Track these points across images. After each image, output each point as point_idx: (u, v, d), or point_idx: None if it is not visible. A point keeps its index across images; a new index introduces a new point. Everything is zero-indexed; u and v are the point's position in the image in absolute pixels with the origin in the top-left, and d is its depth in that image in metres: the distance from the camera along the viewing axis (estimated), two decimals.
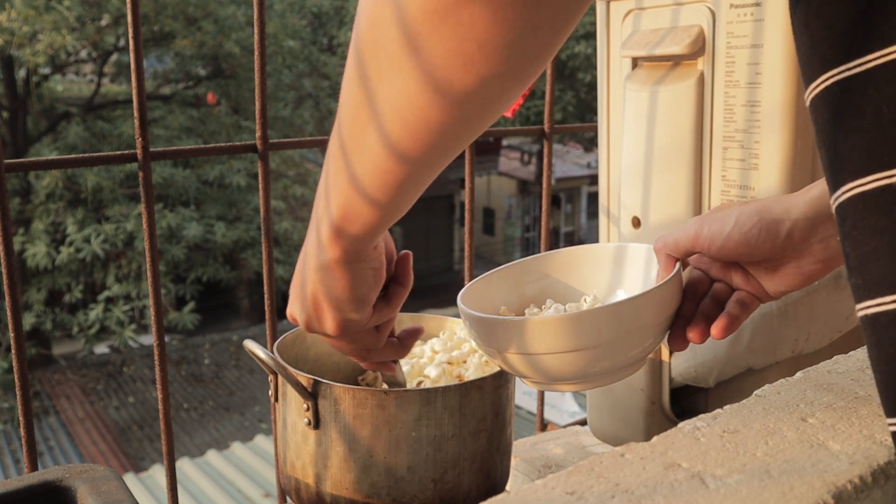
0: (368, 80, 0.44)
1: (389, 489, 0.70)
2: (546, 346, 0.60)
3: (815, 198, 0.60)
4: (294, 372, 0.72)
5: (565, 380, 0.64)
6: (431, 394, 0.70)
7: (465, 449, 0.72)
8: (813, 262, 0.60)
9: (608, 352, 0.61)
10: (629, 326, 0.60)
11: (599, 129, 1.02)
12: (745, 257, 0.62)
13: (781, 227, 0.60)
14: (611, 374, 0.64)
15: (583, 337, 0.59)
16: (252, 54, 3.96)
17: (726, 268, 0.65)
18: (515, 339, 0.61)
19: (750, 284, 0.64)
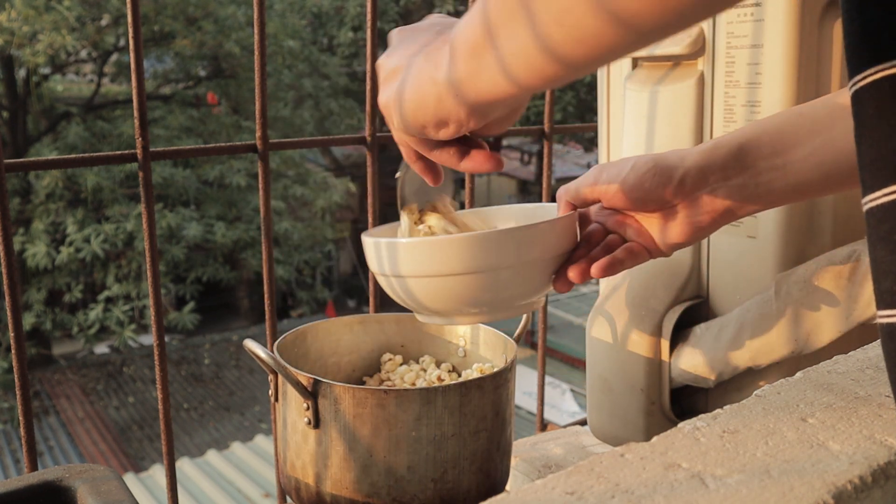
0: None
1: (389, 489, 0.70)
2: (439, 267, 0.60)
3: (708, 149, 0.62)
4: (294, 371, 0.72)
5: (455, 309, 0.64)
6: (431, 393, 0.70)
7: (465, 448, 0.72)
8: (700, 213, 0.62)
9: (497, 280, 0.61)
10: (519, 255, 0.61)
11: (599, 129, 1.02)
12: (639, 203, 0.63)
13: (675, 172, 0.62)
14: (500, 307, 0.64)
15: (473, 259, 0.60)
16: (252, 54, 3.96)
17: (622, 221, 0.66)
18: (410, 262, 0.61)
19: (642, 237, 0.65)
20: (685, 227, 0.63)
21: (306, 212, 9.31)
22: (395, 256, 0.62)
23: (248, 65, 8.51)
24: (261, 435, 6.14)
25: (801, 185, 0.59)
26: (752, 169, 0.60)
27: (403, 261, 0.62)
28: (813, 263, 0.80)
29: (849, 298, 0.78)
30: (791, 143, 0.59)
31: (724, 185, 0.61)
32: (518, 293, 0.64)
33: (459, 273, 0.60)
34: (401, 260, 0.62)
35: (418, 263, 0.61)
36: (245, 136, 8.52)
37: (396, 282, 0.63)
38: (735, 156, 0.60)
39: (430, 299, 0.63)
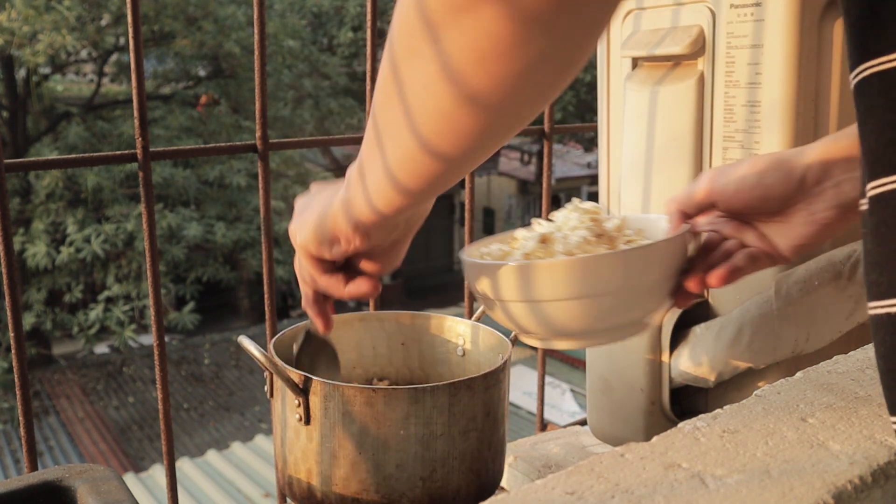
0: (399, 76, 0.43)
1: (378, 486, 0.71)
2: (550, 292, 0.58)
3: (830, 141, 0.59)
4: (285, 368, 0.72)
5: (569, 333, 0.61)
6: (420, 392, 0.70)
7: (454, 448, 0.72)
8: (825, 209, 0.58)
9: (612, 303, 0.59)
10: (634, 277, 0.58)
11: (599, 129, 1.02)
12: (758, 202, 0.60)
13: (795, 168, 0.59)
14: (615, 330, 0.62)
15: (586, 284, 0.57)
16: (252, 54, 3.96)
17: (739, 226, 0.63)
18: (519, 286, 0.59)
19: (762, 241, 0.62)
20: (810, 227, 0.59)
21: None
22: (531, 280, 0.58)
23: (248, 65, 8.51)
24: (261, 435, 6.14)
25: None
26: None
27: (540, 285, 0.58)
28: (813, 263, 0.80)
29: (849, 298, 0.78)
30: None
31: (850, 176, 0.57)
32: (642, 311, 0.62)
33: (588, 295, 0.58)
34: (537, 284, 0.58)
35: (555, 286, 0.58)
36: (245, 136, 8.52)
37: (522, 307, 0.60)
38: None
39: (560, 324, 0.60)
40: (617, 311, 0.60)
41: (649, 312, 0.63)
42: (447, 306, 10.41)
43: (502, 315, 0.63)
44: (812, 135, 0.80)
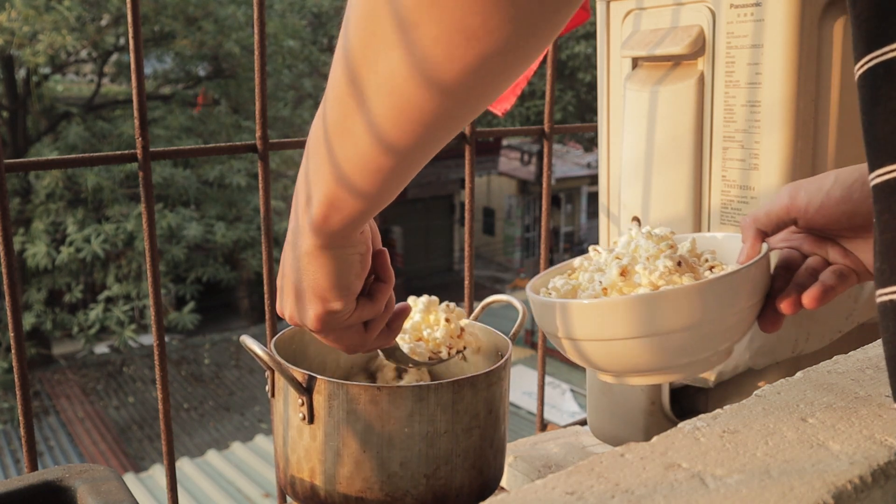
0: (355, 68, 0.43)
1: (382, 484, 0.71)
2: (619, 330, 0.55)
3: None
4: (289, 367, 0.72)
5: (642, 369, 0.58)
6: (424, 390, 0.70)
7: (457, 445, 0.72)
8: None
9: (701, 335, 0.56)
10: (724, 306, 0.55)
11: (599, 129, 1.02)
12: (845, 218, 0.57)
13: None
14: (700, 362, 0.59)
15: (658, 320, 0.54)
16: (252, 54, 3.96)
17: (820, 242, 0.61)
18: (587, 324, 0.56)
19: (848, 258, 0.59)
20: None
21: None
22: (598, 320, 0.55)
23: (248, 65, 8.51)
24: (261, 435, 6.14)
25: None
26: None
27: (608, 324, 0.55)
28: None
29: (848, 299, 0.78)
30: None
31: None
32: (728, 340, 0.59)
33: (674, 331, 0.55)
34: (606, 323, 0.55)
35: (624, 324, 0.55)
36: (245, 136, 8.52)
37: (598, 346, 0.57)
38: None
39: (632, 361, 0.57)
40: (706, 343, 0.57)
41: (735, 339, 0.60)
42: None
43: (576, 355, 0.60)
44: (812, 135, 0.80)
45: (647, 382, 0.62)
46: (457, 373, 0.89)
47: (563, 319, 0.58)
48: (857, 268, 0.59)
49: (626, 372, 0.60)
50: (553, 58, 1.19)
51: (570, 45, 10.63)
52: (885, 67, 0.42)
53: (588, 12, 1.45)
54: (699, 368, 0.60)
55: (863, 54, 0.44)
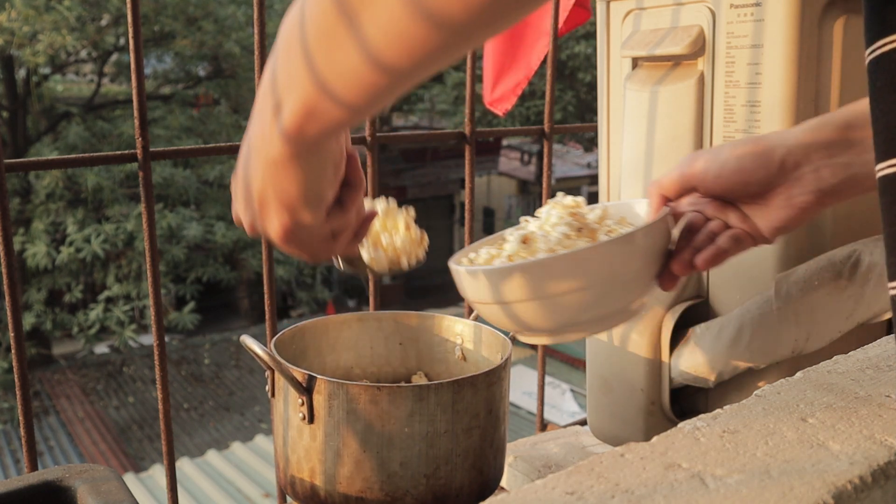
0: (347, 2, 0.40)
1: (382, 484, 0.71)
2: (531, 292, 0.58)
3: (811, 127, 0.60)
4: (289, 367, 0.72)
5: (548, 329, 0.62)
6: (424, 390, 0.70)
7: (457, 445, 0.72)
8: (804, 193, 0.59)
9: (597, 295, 0.59)
10: (617, 267, 0.59)
11: (599, 129, 1.02)
12: (739, 186, 0.61)
13: (775, 152, 0.60)
14: (601, 320, 0.63)
15: (570, 279, 0.58)
16: (252, 54, 3.96)
17: (722, 207, 0.64)
18: (499, 288, 0.60)
19: (746, 223, 0.63)
20: (788, 210, 0.60)
21: None
22: (499, 283, 0.59)
23: (248, 65, 8.51)
24: (261, 435, 6.14)
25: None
26: (858, 146, 0.57)
27: (509, 287, 0.59)
28: (813, 263, 0.80)
29: (849, 298, 0.78)
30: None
31: (829, 162, 0.58)
32: (630, 299, 0.62)
33: (565, 293, 0.58)
34: (506, 286, 0.59)
35: (527, 285, 0.58)
36: None
37: (501, 308, 0.60)
38: (841, 132, 0.58)
39: (541, 320, 0.60)
40: (602, 302, 0.60)
41: (635, 299, 0.63)
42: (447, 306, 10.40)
43: (489, 316, 0.63)
44: None
45: (556, 341, 0.65)
46: (457, 373, 0.89)
47: (470, 286, 0.62)
48: (752, 232, 0.63)
49: (534, 331, 0.63)
50: (553, 58, 1.19)
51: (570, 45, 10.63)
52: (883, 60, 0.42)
53: (588, 12, 1.45)
54: (605, 325, 0.64)
55: (877, 37, 0.43)
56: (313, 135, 0.48)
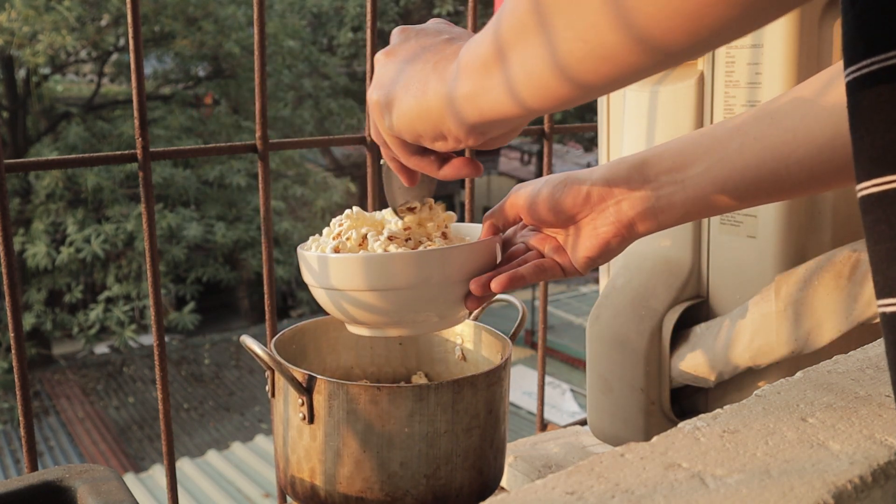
0: (547, 13, 0.40)
1: (382, 484, 0.71)
2: (349, 283, 0.64)
3: (614, 162, 0.66)
4: (289, 367, 0.72)
5: (366, 322, 0.67)
6: (424, 390, 0.70)
7: (457, 445, 0.72)
8: (606, 224, 0.65)
9: (419, 296, 0.65)
10: (441, 274, 0.64)
11: (599, 129, 1.02)
12: (551, 214, 0.66)
13: (583, 185, 0.65)
14: (421, 322, 0.68)
15: (378, 279, 0.64)
16: (252, 54, 3.96)
17: (542, 238, 0.69)
18: (339, 276, 0.65)
19: (558, 253, 0.68)
20: (593, 241, 0.66)
21: (306, 212, 9.30)
22: (326, 270, 0.65)
23: (248, 65, 8.50)
24: (261, 435, 6.14)
25: (699, 199, 0.62)
26: (653, 182, 0.63)
27: (333, 274, 0.65)
28: (813, 263, 0.80)
29: (849, 298, 0.78)
30: (690, 159, 0.62)
31: (628, 196, 0.64)
32: (439, 308, 0.67)
33: (385, 288, 0.64)
34: (331, 273, 0.65)
35: (347, 278, 0.64)
36: (245, 136, 8.52)
37: (326, 293, 0.66)
38: (638, 169, 0.64)
39: (359, 312, 0.66)
40: (411, 306, 0.65)
41: (452, 308, 0.68)
42: None
43: (318, 299, 0.69)
44: None
45: (370, 334, 0.70)
46: (457, 373, 0.89)
47: (307, 268, 0.68)
48: (563, 263, 0.68)
49: (351, 322, 0.69)
50: None
51: None
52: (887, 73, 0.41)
53: None
54: (423, 326, 0.68)
55: (863, 56, 0.43)
56: (488, 122, 0.50)
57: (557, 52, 0.41)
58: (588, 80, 0.41)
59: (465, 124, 0.51)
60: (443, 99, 0.51)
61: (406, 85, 0.55)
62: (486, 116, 0.49)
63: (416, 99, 0.53)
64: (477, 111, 0.49)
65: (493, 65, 0.46)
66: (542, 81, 0.43)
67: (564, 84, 0.42)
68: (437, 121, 0.53)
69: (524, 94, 0.45)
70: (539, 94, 0.44)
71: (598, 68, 0.40)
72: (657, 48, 0.37)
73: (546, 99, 0.45)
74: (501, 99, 0.47)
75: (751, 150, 0.60)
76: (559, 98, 0.44)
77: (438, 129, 0.53)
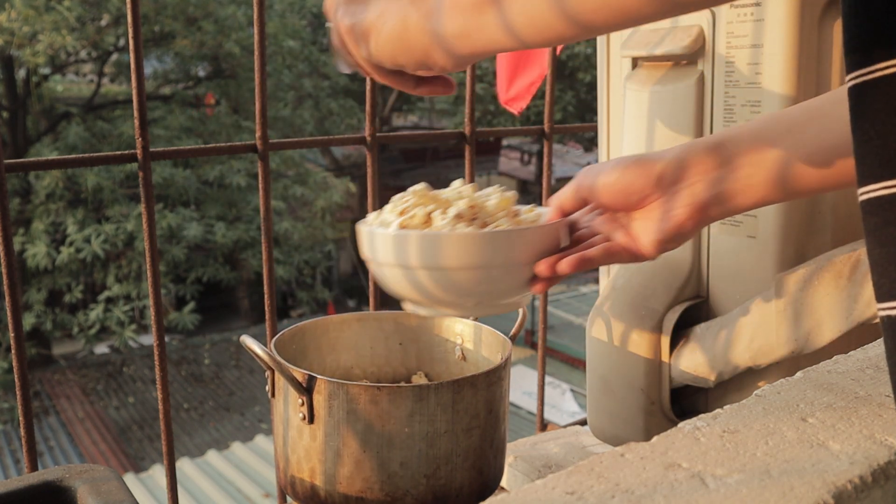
0: None
1: (382, 484, 0.71)
2: (417, 261, 0.63)
3: (689, 144, 0.64)
4: (289, 367, 0.72)
5: (446, 301, 0.66)
6: (424, 390, 0.70)
7: (457, 445, 0.72)
8: (680, 206, 0.63)
9: (486, 277, 0.63)
10: (505, 256, 0.63)
11: (599, 129, 1.02)
12: (621, 196, 0.64)
13: (655, 166, 0.63)
14: (486, 303, 0.67)
15: (447, 257, 0.62)
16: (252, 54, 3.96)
17: (609, 223, 0.68)
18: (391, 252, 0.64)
19: (627, 238, 0.66)
20: (665, 223, 0.63)
21: (306, 212, 9.31)
22: (399, 247, 0.63)
23: (248, 65, 8.50)
24: (261, 435, 6.14)
25: (777, 182, 0.61)
26: (730, 164, 0.61)
27: (402, 251, 0.63)
28: (813, 263, 0.80)
29: (849, 298, 0.78)
30: (767, 141, 0.61)
31: (703, 178, 0.62)
32: (502, 291, 0.66)
33: (455, 268, 0.62)
34: (400, 250, 0.63)
35: (417, 255, 0.63)
36: (245, 136, 8.52)
37: (391, 271, 0.65)
38: (714, 150, 0.62)
39: (426, 290, 0.65)
40: (490, 284, 0.64)
41: (515, 291, 0.66)
42: None
43: (379, 276, 0.67)
44: None
45: (449, 315, 0.71)
46: (457, 373, 0.89)
47: (369, 244, 0.66)
48: (631, 246, 0.66)
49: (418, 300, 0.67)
50: (553, 58, 1.19)
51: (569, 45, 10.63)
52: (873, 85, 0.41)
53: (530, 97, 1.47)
54: (487, 308, 0.67)
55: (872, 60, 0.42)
56: (479, 52, 0.50)
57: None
58: (590, 19, 0.42)
59: (455, 57, 0.52)
60: (427, 34, 0.52)
61: (382, 15, 0.55)
62: (478, 51, 0.50)
63: (396, 32, 0.54)
64: (469, 47, 0.50)
65: (487, 4, 0.46)
66: (542, 21, 0.44)
67: (565, 22, 0.43)
68: (421, 54, 0.54)
69: (523, 32, 0.45)
70: (538, 31, 0.45)
71: (600, 8, 0.41)
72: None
73: (545, 36, 0.45)
74: (497, 36, 0.47)
75: (830, 133, 0.58)
76: (559, 35, 0.44)
77: (423, 61, 0.54)
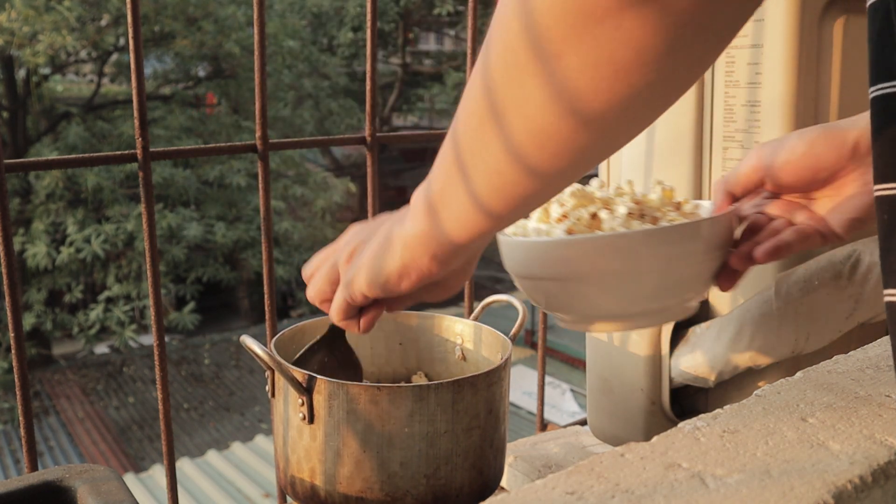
0: (495, 88, 0.41)
1: (382, 484, 0.71)
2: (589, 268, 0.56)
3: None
4: (289, 367, 0.72)
5: (605, 315, 0.60)
6: (424, 390, 0.70)
7: (457, 445, 0.72)
8: None
9: (652, 283, 0.57)
10: (673, 256, 0.56)
11: None
12: (809, 173, 0.57)
13: (848, 135, 0.55)
14: (654, 313, 0.61)
15: (626, 260, 0.55)
16: (252, 54, 3.96)
17: (787, 206, 0.61)
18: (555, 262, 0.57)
19: (813, 219, 0.59)
20: (864, 198, 0.56)
21: (306, 212, 9.31)
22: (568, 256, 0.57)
23: (248, 65, 8.51)
24: (261, 435, 6.15)
25: None
26: None
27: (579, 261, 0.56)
28: (813, 263, 0.80)
29: (849, 298, 0.78)
30: None
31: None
32: (691, 291, 0.61)
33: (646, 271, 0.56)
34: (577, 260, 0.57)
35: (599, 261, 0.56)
36: (245, 136, 8.52)
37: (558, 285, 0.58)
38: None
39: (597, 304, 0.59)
40: (656, 292, 0.58)
41: (691, 294, 0.61)
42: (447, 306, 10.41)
43: (539, 295, 0.62)
44: None
45: (608, 330, 0.65)
46: (457, 373, 0.89)
47: (526, 258, 0.61)
48: (822, 228, 0.59)
49: (584, 318, 0.62)
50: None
51: None
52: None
53: None
54: (656, 319, 0.62)
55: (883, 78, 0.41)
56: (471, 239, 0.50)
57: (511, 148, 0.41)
58: (545, 169, 0.42)
59: (429, 254, 0.52)
60: (408, 238, 0.53)
61: (361, 252, 0.58)
62: (455, 237, 0.50)
63: (371, 257, 0.57)
64: (451, 234, 0.50)
65: (454, 183, 0.47)
66: (501, 180, 0.44)
67: (524, 178, 0.43)
68: (401, 262, 0.54)
69: (488, 199, 0.45)
70: (501, 194, 0.45)
71: (551, 159, 0.41)
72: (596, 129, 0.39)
73: (509, 198, 0.45)
74: (468, 214, 0.47)
75: None
76: (521, 194, 0.44)
77: (401, 269, 0.55)
